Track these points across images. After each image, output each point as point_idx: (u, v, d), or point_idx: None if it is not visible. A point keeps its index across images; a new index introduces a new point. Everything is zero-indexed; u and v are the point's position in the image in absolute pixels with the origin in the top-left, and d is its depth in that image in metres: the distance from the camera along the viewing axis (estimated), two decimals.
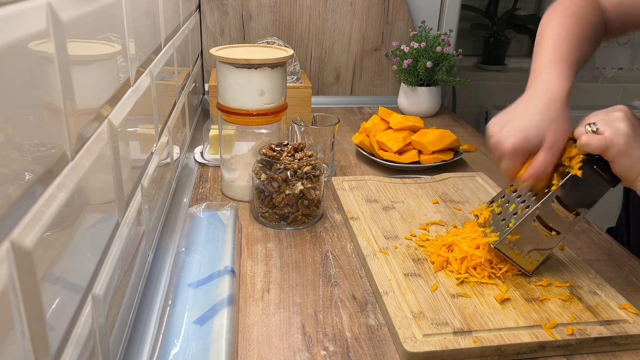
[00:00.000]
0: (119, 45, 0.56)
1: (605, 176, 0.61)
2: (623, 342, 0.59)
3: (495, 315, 0.61)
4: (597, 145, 0.59)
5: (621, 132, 0.58)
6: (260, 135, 0.92)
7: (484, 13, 2.14)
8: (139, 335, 0.60)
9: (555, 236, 0.66)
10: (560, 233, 0.66)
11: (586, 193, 0.63)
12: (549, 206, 0.64)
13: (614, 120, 0.59)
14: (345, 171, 1.05)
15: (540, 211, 0.65)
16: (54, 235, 0.36)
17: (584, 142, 0.60)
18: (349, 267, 0.73)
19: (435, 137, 1.03)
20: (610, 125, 0.59)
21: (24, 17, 0.32)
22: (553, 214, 0.65)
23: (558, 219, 0.65)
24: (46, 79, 0.36)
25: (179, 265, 0.65)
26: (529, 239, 0.66)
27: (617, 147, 0.58)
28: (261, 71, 0.82)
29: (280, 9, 1.42)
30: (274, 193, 0.80)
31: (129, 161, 0.58)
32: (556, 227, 0.65)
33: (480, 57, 2.18)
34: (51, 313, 0.35)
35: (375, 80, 1.54)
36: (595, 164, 0.61)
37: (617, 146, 0.58)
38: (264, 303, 0.65)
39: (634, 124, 0.59)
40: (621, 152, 0.58)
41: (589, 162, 0.61)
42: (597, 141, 0.59)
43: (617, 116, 0.60)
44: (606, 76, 2.18)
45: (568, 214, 0.64)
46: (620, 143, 0.58)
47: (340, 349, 0.58)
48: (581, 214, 0.64)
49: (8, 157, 0.30)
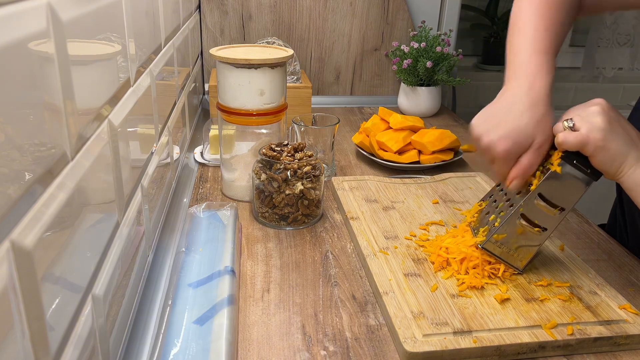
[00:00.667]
0: (119, 45, 0.56)
1: (586, 171, 0.61)
2: (623, 342, 0.59)
3: (495, 315, 0.61)
4: (574, 142, 0.59)
5: (597, 127, 0.58)
6: (260, 135, 0.92)
7: (484, 13, 2.14)
8: (139, 335, 0.60)
9: (542, 232, 0.66)
10: (546, 229, 0.66)
11: (569, 188, 0.63)
12: (532, 204, 0.64)
13: (590, 115, 0.59)
14: (345, 171, 1.05)
15: (524, 209, 0.65)
16: (54, 235, 0.36)
17: (561, 140, 0.60)
18: (349, 267, 0.73)
19: (435, 137, 1.03)
20: (586, 120, 0.59)
21: (24, 17, 0.32)
22: (537, 211, 0.65)
23: (543, 216, 0.65)
24: (46, 79, 0.36)
25: (179, 265, 0.65)
26: (516, 237, 0.66)
27: (594, 143, 0.58)
28: (261, 71, 0.82)
29: (280, 9, 1.42)
30: (274, 193, 0.80)
31: (129, 161, 0.58)
32: (542, 224, 0.65)
33: (480, 57, 2.18)
34: (51, 313, 0.35)
35: (375, 80, 1.54)
36: (575, 159, 0.61)
37: (594, 142, 0.58)
38: (264, 303, 0.65)
39: (610, 117, 0.59)
40: (598, 147, 0.58)
41: (569, 157, 0.61)
42: (574, 138, 0.59)
43: (593, 110, 0.59)
44: (606, 76, 2.17)
45: (553, 210, 0.64)
46: (597, 138, 0.58)
47: (340, 349, 0.58)
48: (566, 209, 0.64)
49: (8, 157, 0.30)
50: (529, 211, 0.65)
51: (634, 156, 0.58)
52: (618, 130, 0.59)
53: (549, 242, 0.77)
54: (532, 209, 0.65)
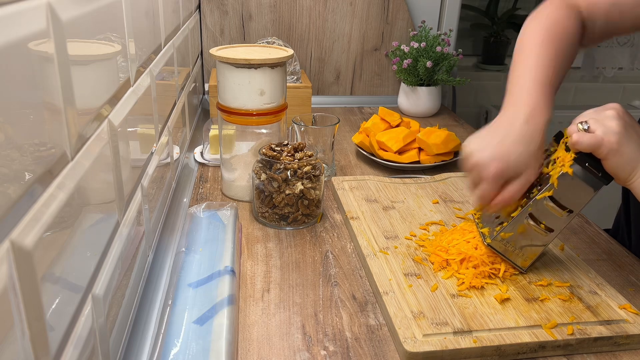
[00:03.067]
0: (119, 45, 0.56)
1: (597, 174, 0.61)
2: (623, 342, 0.59)
3: (495, 315, 0.61)
4: (588, 144, 0.59)
5: (612, 131, 0.58)
6: (260, 135, 0.92)
7: (484, 13, 2.14)
8: (139, 335, 0.60)
9: (549, 233, 0.66)
10: (553, 230, 0.66)
11: (578, 191, 0.63)
12: (541, 204, 0.64)
13: (606, 119, 0.59)
14: (345, 171, 1.05)
15: (533, 209, 0.65)
16: (54, 235, 0.36)
17: (575, 140, 0.60)
18: (349, 267, 0.73)
19: (441, 139, 1.02)
20: (601, 123, 0.59)
21: (24, 17, 0.32)
22: (546, 211, 0.64)
23: (551, 217, 0.65)
24: (46, 79, 0.36)
25: (178, 265, 0.65)
26: (522, 236, 0.66)
27: (608, 146, 0.58)
28: (261, 71, 0.82)
29: (280, 9, 1.42)
30: (274, 193, 0.80)
31: (129, 161, 0.58)
32: (549, 225, 0.65)
33: (480, 57, 2.18)
34: (51, 313, 0.35)
35: (375, 80, 1.54)
36: (587, 162, 0.61)
37: (608, 145, 0.58)
38: (264, 303, 0.65)
39: (625, 122, 0.59)
40: (612, 151, 0.58)
41: (581, 160, 0.61)
42: (588, 139, 0.59)
43: (608, 114, 0.60)
44: (606, 76, 2.18)
45: (561, 211, 0.64)
46: (612, 142, 0.58)
47: (340, 349, 0.58)
48: (574, 211, 0.64)
49: (8, 157, 0.30)
50: (537, 211, 0.65)
51: None
52: (632, 135, 0.59)
53: None
54: (541, 210, 0.65)
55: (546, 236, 0.66)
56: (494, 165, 0.63)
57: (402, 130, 1.07)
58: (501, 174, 0.63)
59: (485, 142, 0.65)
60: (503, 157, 0.63)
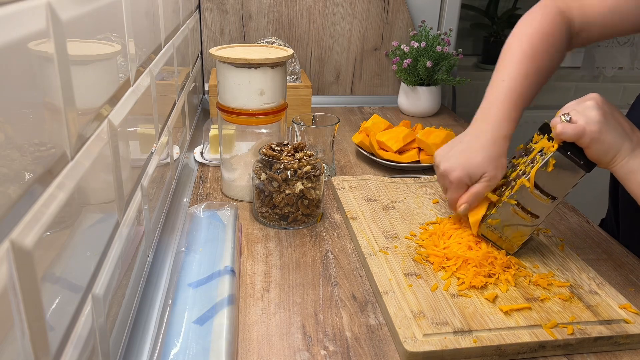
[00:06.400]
0: (119, 45, 0.56)
1: (579, 162, 0.64)
2: (623, 342, 0.59)
3: (495, 314, 0.61)
4: (572, 133, 0.62)
5: (593, 120, 0.62)
6: (260, 135, 0.92)
7: (484, 13, 2.14)
8: (139, 335, 0.60)
9: (534, 219, 0.70)
10: (539, 217, 0.69)
11: (562, 179, 0.66)
12: (526, 192, 0.68)
13: (586, 109, 0.63)
14: (345, 171, 1.05)
15: (518, 196, 0.69)
16: (54, 235, 0.36)
17: (559, 130, 0.63)
18: (349, 267, 0.73)
19: (441, 139, 1.02)
20: (582, 114, 0.62)
21: (23, 17, 0.32)
22: (531, 199, 0.68)
23: (536, 204, 0.69)
24: (46, 79, 0.36)
25: (178, 265, 0.65)
26: (509, 223, 0.70)
27: (590, 135, 0.61)
28: (261, 71, 0.82)
29: (280, 8, 1.42)
30: (274, 193, 0.80)
31: (129, 161, 0.58)
32: (535, 212, 0.69)
33: (480, 57, 2.18)
34: (51, 313, 0.35)
35: (375, 80, 1.54)
36: (569, 151, 0.64)
37: (590, 133, 0.61)
38: (264, 303, 0.65)
39: (605, 111, 0.62)
40: (594, 139, 0.61)
41: (563, 149, 0.65)
42: (572, 129, 0.62)
43: (589, 105, 0.63)
44: (606, 76, 2.17)
45: (545, 198, 0.68)
46: (593, 130, 0.61)
47: (340, 348, 0.58)
48: (558, 198, 0.68)
49: (8, 157, 0.30)
50: (523, 199, 0.69)
51: (627, 147, 0.61)
52: (612, 123, 0.62)
53: (549, 241, 0.77)
54: (526, 197, 0.68)
55: (531, 222, 0.70)
56: (456, 173, 0.71)
57: (402, 130, 1.07)
58: (461, 179, 0.71)
59: (451, 153, 0.73)
60: (464, 165, 0.71)
